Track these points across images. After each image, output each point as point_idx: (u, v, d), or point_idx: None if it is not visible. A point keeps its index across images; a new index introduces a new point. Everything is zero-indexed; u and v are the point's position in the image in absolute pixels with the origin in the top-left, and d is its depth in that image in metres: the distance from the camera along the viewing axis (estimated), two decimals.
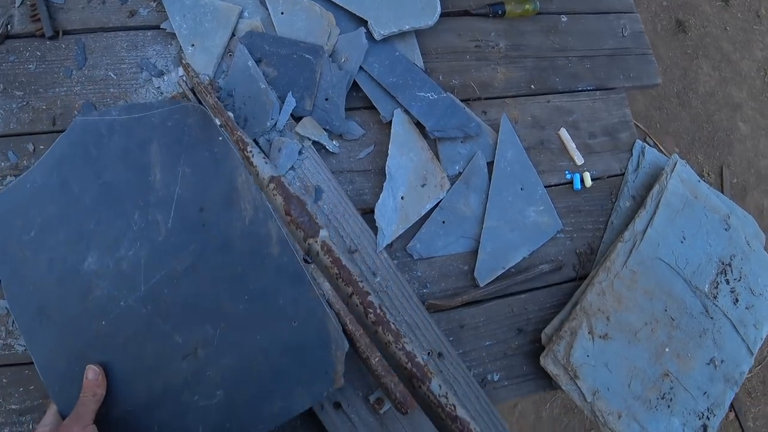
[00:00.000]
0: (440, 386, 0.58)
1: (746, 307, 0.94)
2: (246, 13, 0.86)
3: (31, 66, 0.82)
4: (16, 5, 0.83)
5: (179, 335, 0.64)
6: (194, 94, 0.74)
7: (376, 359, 0.64)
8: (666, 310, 0.90)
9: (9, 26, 0.82)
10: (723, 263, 0.94)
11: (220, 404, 0.63)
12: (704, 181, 0.99)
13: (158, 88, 0.79)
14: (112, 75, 0.83)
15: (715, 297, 0.92)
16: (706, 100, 2.59)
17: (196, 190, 0.67)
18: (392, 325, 0.60)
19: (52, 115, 0.80)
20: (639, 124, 2.38)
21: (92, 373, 0.61)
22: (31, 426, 0.69)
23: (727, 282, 0.94)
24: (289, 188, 0.63)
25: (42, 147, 0.77)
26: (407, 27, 0.88)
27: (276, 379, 0.64)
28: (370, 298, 0.60)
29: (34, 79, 0.81)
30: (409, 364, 0.59)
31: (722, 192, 2.30)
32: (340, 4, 0.89)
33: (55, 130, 0.79)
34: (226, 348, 0.64)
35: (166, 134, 0.69)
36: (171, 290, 0.65)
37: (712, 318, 0.91)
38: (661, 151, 2.34)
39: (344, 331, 0.67)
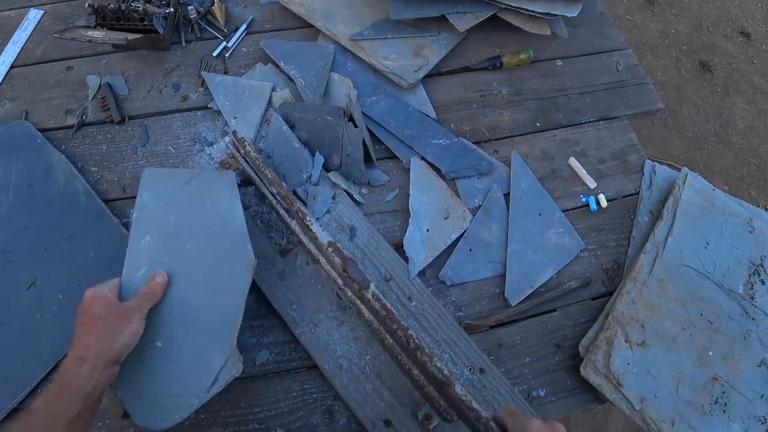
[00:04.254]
0: (462, 388, 0.69)
1: None
2: (278, 88, 1.04)
3: (103, 146, 1.00)
4: (89, 99, 1.05)
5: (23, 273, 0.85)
6: (244, 159, 0.89)
7: (417, 372, 0.73)
8: (702, 314, 0.91)
9: (84, 116, 1.03)
10: (754, 264, 0.95)
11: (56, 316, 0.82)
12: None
13: (209, 155, 0.95)
14: (171, 149, 1.00)
15: (752, 297, 0.92)
16: (747, 134, 2.57)
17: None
18: (426, 350, 0.71)
19: (123, 184, 0.97)
20: (680, 167, 2.36)
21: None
22: None
23: (763, 282, 0.94)
24: (344, 251, 0.79)
25: (115, 211, 0.93)
26: None
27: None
28: (410, 331, 0.73)
29: (106, 156, 0.99)
30: (440, 375, 0.70)
31: None
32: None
33: (126, 197, 0.96)
34: (56, 275, 0.85)
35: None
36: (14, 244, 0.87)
37: (753, 319, 0.91)
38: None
39: (385, 347, 0.76)
